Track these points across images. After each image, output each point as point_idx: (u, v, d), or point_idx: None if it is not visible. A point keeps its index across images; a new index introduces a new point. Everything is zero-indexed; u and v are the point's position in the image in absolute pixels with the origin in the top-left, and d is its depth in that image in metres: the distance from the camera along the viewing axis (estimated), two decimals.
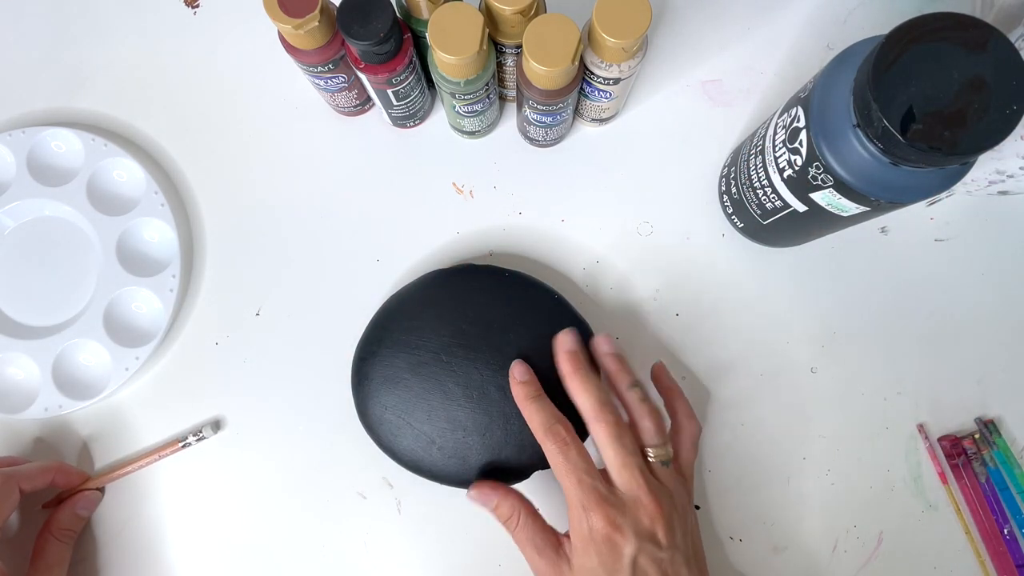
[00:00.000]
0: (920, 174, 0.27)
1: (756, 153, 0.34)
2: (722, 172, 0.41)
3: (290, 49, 0.35)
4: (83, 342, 0.41)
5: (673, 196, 0.43)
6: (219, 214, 0.43)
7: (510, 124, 0.44)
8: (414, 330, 0.37)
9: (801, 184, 0.31)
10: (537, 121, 0.39)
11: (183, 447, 0.40)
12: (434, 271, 0.39)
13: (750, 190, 0.36)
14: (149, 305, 0.42)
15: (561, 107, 0.37)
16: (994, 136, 0.24)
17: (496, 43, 0.36)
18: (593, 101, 0.39)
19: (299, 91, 0.44)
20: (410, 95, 0.39)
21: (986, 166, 0.38)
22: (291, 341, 0.42)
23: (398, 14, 0.35)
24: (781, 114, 0.32)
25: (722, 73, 0.44)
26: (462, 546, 0.40)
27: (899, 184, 0.27)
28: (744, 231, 0.41)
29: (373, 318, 0.39)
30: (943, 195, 0.42)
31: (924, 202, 0.41)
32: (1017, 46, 0.29)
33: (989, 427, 0.40)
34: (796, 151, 0.30)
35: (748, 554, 0.39)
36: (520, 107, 0.39)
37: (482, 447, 0.36)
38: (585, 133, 0.43)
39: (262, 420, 0.41)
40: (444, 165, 0.43)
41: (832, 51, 0.43)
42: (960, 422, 0.40)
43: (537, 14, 0.34)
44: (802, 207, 0.32)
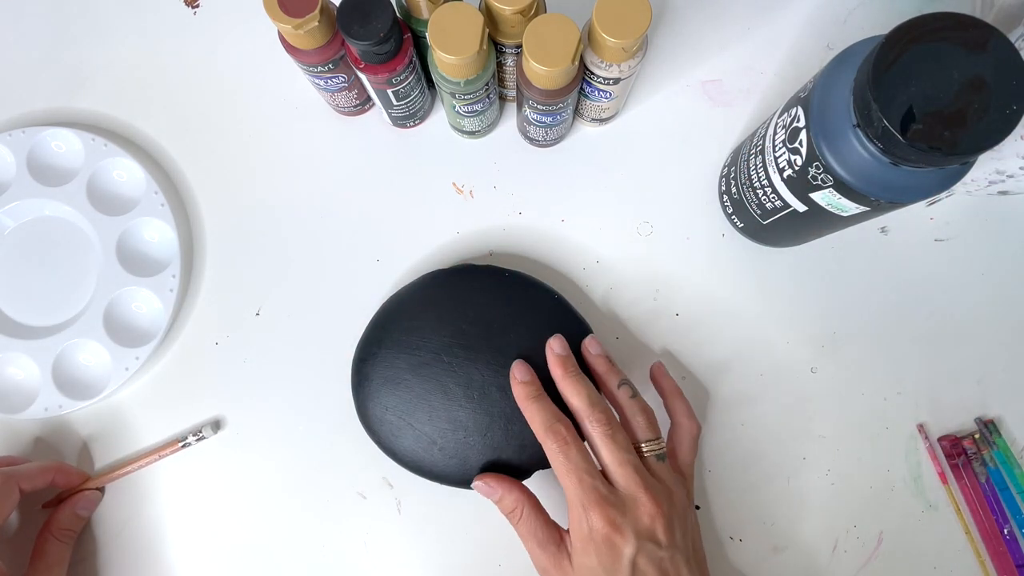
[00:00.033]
0: (920, 174, 0.27)
1: (756, 153, 0.34)
2: (722, 172, 0.41)
3: (290, 49, 0.35)
4: (83, 342, 0.41)
5: (673, 196, 0.43)
6: (219, 214, 0.43)
7: (510, 124, 0.44)
8: (414, 330, 0.37)
9: (801, 184, 0.31)
10: (537, 121, 0.39)
11: (183, 447, 0.40)
12: (434, 271, 0.39)
13: (750, 190, 0.36)
14: (149, 305, 0.42)
15: (561, 107, 0.37)
16: (994, 136, 0.24)
17: (496, 43, 0.36)
18: (593, 101, 0.39)
19: (299, 91, 0.44)
20: (410, 95, 0.39)
21: (986, 166, 0.38)
22: (291, 341, 0.42)
23: (398, 14, 0.35)
24: (781, 114, 0.32)
25: (722, 73, 0.44)
26: (462, 546, 0.40)
27: (899, 184, 0.27)
28: (744, 231, 0.41)
29: (373, 318, 0.39)
30: (943, 195, 0.42)
31: (924, 202, 0.41)
32: (1017, 46, 0.29)
33: (989, 427, 0.40)
34: (796, 151, 0.30)
35: (748, 554, 0.39)
36: (520, 107, 0.39)
37: (483, 447, 0.36)
38: (585, 133, 0.43)
39: (262, 420, 0.41)
40: (444, 165, 0.43)
41: (832, 51, 0.43)
42: (960, 422, 0.40)
43: (537, 14, 0.34)
44: (802, 207, 0.32)
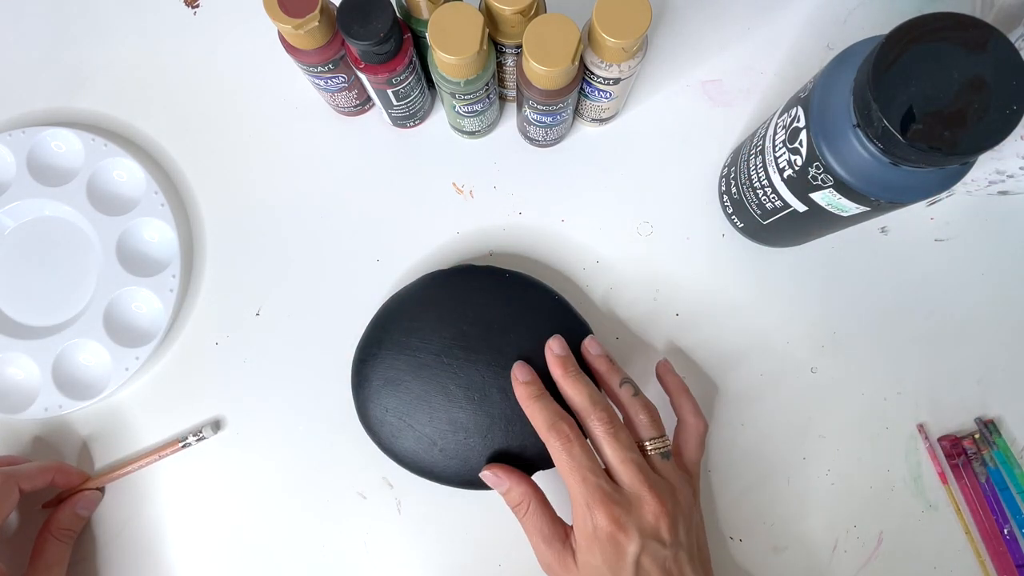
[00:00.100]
0: (920, 174, 0.27)
1: (756, 153, 0.34)
2: (722, 172, 0.41)
3: (290, 49, 0.35)
4: (83, 342, 0.41)
5: (673, 196, 0.43)
6: (219, 214, 0.43)
7: (510, 124, 0.43)
8: (414, 331, 0.37)
9: (801, 184, 0.31)
10: (537, 121, 0.39)
11: (183, 447, 0.40)
12: (434, 272, 0.39)
13: (750, 190, 0.36)
14: (149, 305, 0.42)
15: (561, 107, 0.37)
16: (994, 136, 0.24)
17: (496, 43, 0.36)
18: (593, 101, 0.39)
19: (299, 91, 0.44)
20: (410, 95, 0.39)
21: (986, 166, 0.38)
22: (291, 341, 0.42)
23: (398, 14, 0.35)
24: (781, 114, 0.32)
25: (722, 73, 0.44)
26: (462, 546, 0.40)
27: (899, 184, 0.27)
28: (744, 231, 0.41)
29: (373, 319, 0.39)
30: (943, 195, 0.42)
31: (924, 202, 0.41)
32: (1017, 46, 0.29)
33: (989, 427, 0.40)
34: (796, 151, 0.30)
35: (748, 554, 0.39)
36: (520, 107, 0.39)
37: (484, 448, 0.36)
38: (585, 133, 0.43)
39: (262, 420, 0.41)
40: (444, 165, 0.43)
41: (832, 51, 0.43)
42: (960, 422, 0.40)
43: (537, 14, 0.34)
44: (802, 207, 0.32)
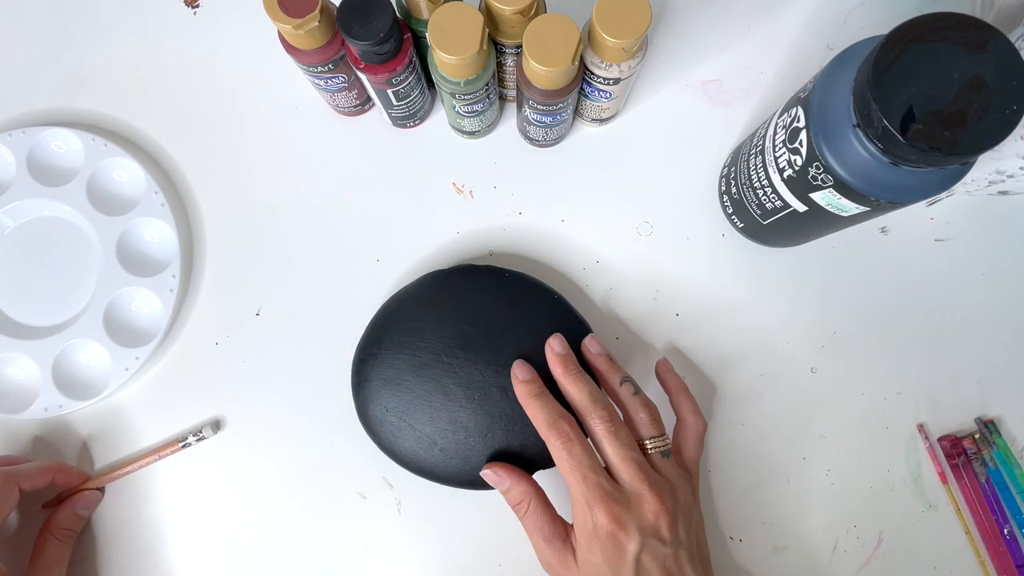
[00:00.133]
0: (920, 174, 0.27)
1: (756, 153, 0.34)
2: (722, 172, 0.41)
3: (290, 49, 0.35)
4: (83, 342, 0.41)
5: (673, 196, 0.43)
6: (219, 214, 0.43)
7: (510, 124, 0.43)
8: (414, 331, 0.37)
9: (801, 184, 0.31)
10: (537, 121, 0.39)
11: (183, 447, 0.40)
12: (434, 271, 0.39)
13: (750, 190, 0.36)
14: (149, 305, 0.42)
15: (561, 107, 0.37)
16: (994, 136, 0.24)
17: (496, 43, 0.36)
18: (593, 101, 0.39)
19: (299, 91, 0.44)
20: (410, 95, 0.39)
21: (986, 166, 0.38)
22: (291, 341, 0.42)
23: (398, 14, 0.35)
24: (781, 114, 0.32)
25: (722, 73, 0.44)
26: (462, 546, 0.40)
27: (899, 184, 0.27)
28: (744, 231, 0.41)
29: (373, 319, 0.39)
30: (943, 195, 0.42)
31: (924, 202, 0.41)
32: (1017, 46, 0.29)
33: (989, 427, 0.40)
34: (796, 151, 0.30)
35: (748, 554, 0.39)
36: (520, 107, 0.39)
37: (484, 448, 0.36)
38: (585, 133, 0.43)
39: (262, 420, 0.41)
40: (444, 165, 0.43)
41: (832, 51, 0.43)
42: (960, 422, 0.40)
43: (537, 14, 0.34)
44: (802, 207, 0.32)
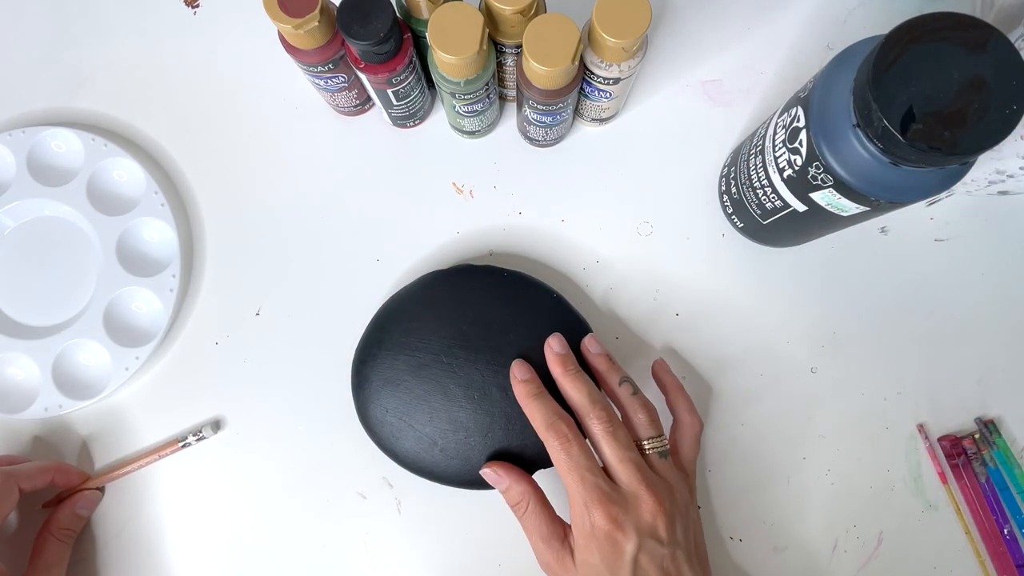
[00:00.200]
0: (920, 174, 0.27)
1: (756, 153, 0.34)
2: (722, 172, 0.41)
3: (290, 49, 0.35)
4: (83, 342, 0.41)
5: (673, 196, 0.43)
6: (219, 214, 0.43)
7: (510, 124, 0.43)
8: (414, 331, 0.37)
9: (801, 184, 0.31)
10: (537, 121, 0.39)
11: (183, 447, 0.40)
12: (433, 272, 0.39)
13: (750, 190, 0.36)
14: (149, 305, 0.42)
15: (561, 107, 0.37)
16: (994, 136, 0.24)
17: (496, 43, 0.36)
18: (593, 101, 0.39)
19: (299, 91, 0.44)
20: (410, 95, 0.39)
21: (986, 166, 0.38)
22: (291, 341, 0.42)
23: (398, 14, 0.35)
24: (781, 114, 0.32)
25: (722, 73, 0.44)
26: (462, 546, 0.40)
27: (899, 184, 0.27)
28: (744, 231, 0.41)
29: (372, 320, 0.39)
30: (943, 195, 0.42)
31: (924, 202, 0.41)
32: (1017, 46, 0.29)
33: (989, 427, 0.40)
34: (796, 151, 0.30)
35: (748, 554, 0.39)
36: (520, 107, 0.39)
37: (484, 447, 0.36)
38: (585, 133, 0.43)
39: (262, 420, 0.41)
40: (444, 165, 0.43)
41: (832, 51, 0.43)
42: (960, 422, 0.40)
43: (537, 14, 0.34)
44: (802, 207, 0.32)
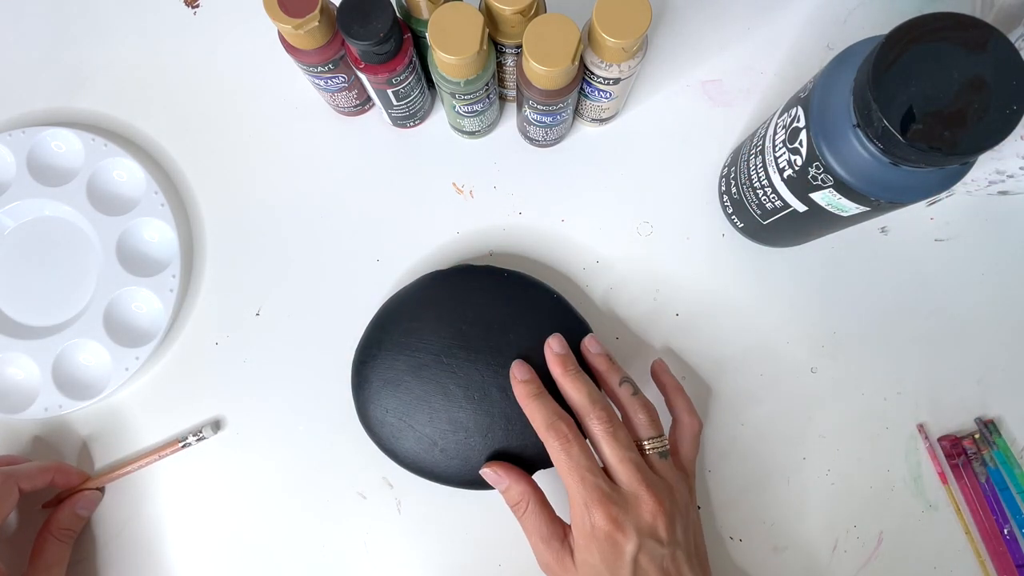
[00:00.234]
0: (920, 174, 0.27)
1: (756, 153, 0.34)
2: (722, 172, 0.41)
3: (290, 49, 0.35)
4: (83, 342, 0.41)
5: (673, 196, 0.43)
6: (219, 214, 0.43)
7: (510, 124, 0.43)
8: (414, 332, 0.37)
9: (801, 184, 0.31)
10: (537, 121, 0.39)
11: (183, 447, 0.40)
12: (433, 272, 0.39)
13: (750, 190, 0.36)
14: (149, 305, 0.42)
15: (561, 107, 0.37)
16: (994, 136, 0.24)
17: (496, 43, 0.36)
18: (593, 101, 0.39)
19: (299, 91, 0.44)
20: (410, 95, 0.39)
21: (986, 166, 0.38)
22: (291, 341, 0.42)
23: (398, 14, 0.35)
24: (781, 114, 0.32)
25: (722, 73, 0.44)
26: (462, 546, 0.40)
27: (899, 184, 0.27)
28: (744, 231, 0.41)
29: (372, 320, 0.39)
30: (943, 195, 0.42)
31: (924, 202, 0.41)
32: (1017, 46, 0.29)
33: (989, 427, 0.40)
34: (796, 151, 0.30)
35: (748, 554, 0.39)
36: (520, 107, 0.39)
37: (484, 448, 0.36)
38: (585, 133, 0.43)
39: (262, 420, 0.41)
40: (444, 165, 0.43)
41: (832, 51, 0.43)
42: (960, 422, 0.40)
43: (537, 14, 0.34)
44: (802, 207, 0.32)
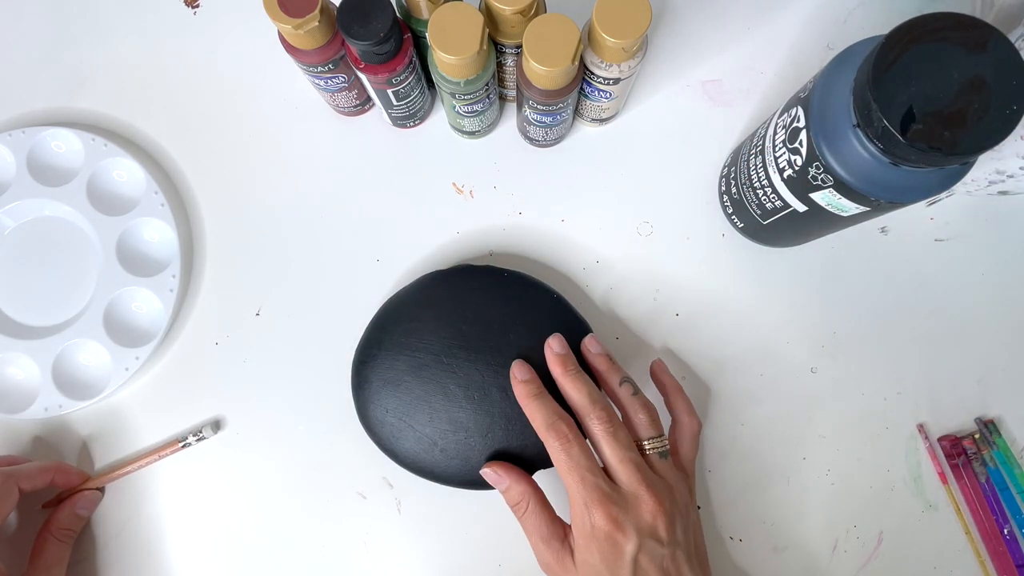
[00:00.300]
0: (920, 174, 0.27)
1: (756, 153, 0.34)
2: (722, 172, 0.41)
3: (290, 49, 0.35)
4: (83, 342, 0.41)
5: (673, 196, 0.43)
6: (219, 214, 0.43)
7: (510, 124, 0.43)
8: (414, 332, 0.37)
9: (801, 184, 0.31)
10: (537, 121, 0.39)
11: (183, 447, 0.40)
12: (432, 272, 0.39)
13: (750, 190, 0.36)
14: (149, 305, 0.42)
15: (561, 107, 0.37)
16: (994, 136, 0.24)
17: (496, 43, 0.36)
18: (593, 101, 0.39)
19: (299, 91, 0.44)
20: (410, 95, 0.39)
21: (986, 166, 0.38)
22: (291, 341, 0.42)
23: (398, 14, 0.35)
24: (781, 114, 0.32)
25: (722, 73, 0.44)
26: (462, 546, 0.40)
27: (899, 184, 0.27)
28: (744, 231, 0.41)
29: (372, 320, 0.39)
30: (943, 195, 0.42)
31: (924, 202, 0.41)
32: (1017, 46, 0.29)
33: (989, 427, 0.40)
34: (796, 151, 0.30)
35: (748, 554, 0.39)
36: (520, 107, 0.39)
37: (484, 448, 0.36)
38: (585, 133, 0.43)
39: (262, 420, 0.41)
40: (444, 165, 0.43)
41: (832, 51, 0.43)
42: (960, 422, 0.40)
43: (537, 14, 0.34)
44: (802, 207, 0.32)
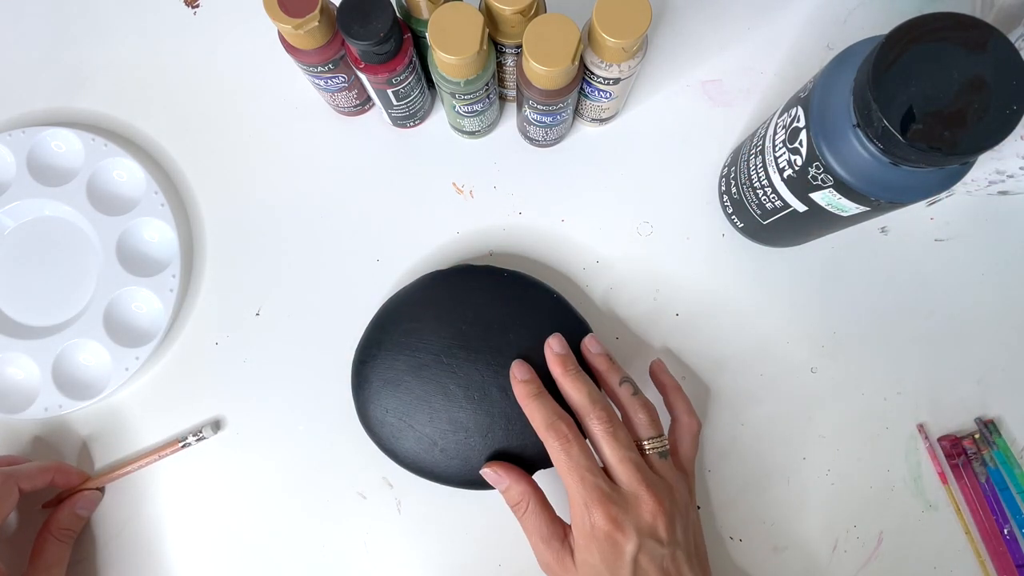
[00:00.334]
0: (920, 174, 0.27)
1: (756, 153, 0.34)
2: (722, 172, 0.41)
3: (290, 49, 0.35)
4: (83, 342, 0.41)
5: (673, 196, 0.43)
6: (219, 214, 0.43)
7: (510, 124, 0.43)
8: (414, 332, 0.37)
9: (801, 184, 0.31)
10: (537, 121, 0.39)
11: (183, 447, 0.40)
12: (432, 272, 0.39)
13: (750, 190, 0.36)
14: (149, 305, 0.42)
15: (561, 107, 0.37)
16: (994, 136, 0.24)
17: (496, 43, 0.36)
18: (593, 101, 0.39)
19: (299, 91, 0.44)
20: (410, 95, 0.39)
21: (986, 166, 0.38)
22: (291, 341, 0.42)
23: (398, 14, 0.35)
24: (781, 114, 0.32)
25: (722, 73, 0.44)
26: (462, 546, 0.40)
27: (899, 184, 0.27)
28: (744, 231, 0.41)
29: (372, 320, 0.39)
30: (943, 195, 0.42)
31: (924, 202, 0.41)
32: (1017, 46, 0.29)
33: (989, 427, 0.40)
34: (796, 151, 0.30)
35: (748, 554, 0.39)
36: (520, 107, 0.39)
37: (484, 448, 0.36)
38: (585, 133, 0.43)
39: (262, 420, 0.41)
40: (444, 165, 0.43)
41: (832, 51, 0.43)
42: (960, 422, 0.40)
43: (537, 14, 0.34)
44: (802, 207, 0.32)
